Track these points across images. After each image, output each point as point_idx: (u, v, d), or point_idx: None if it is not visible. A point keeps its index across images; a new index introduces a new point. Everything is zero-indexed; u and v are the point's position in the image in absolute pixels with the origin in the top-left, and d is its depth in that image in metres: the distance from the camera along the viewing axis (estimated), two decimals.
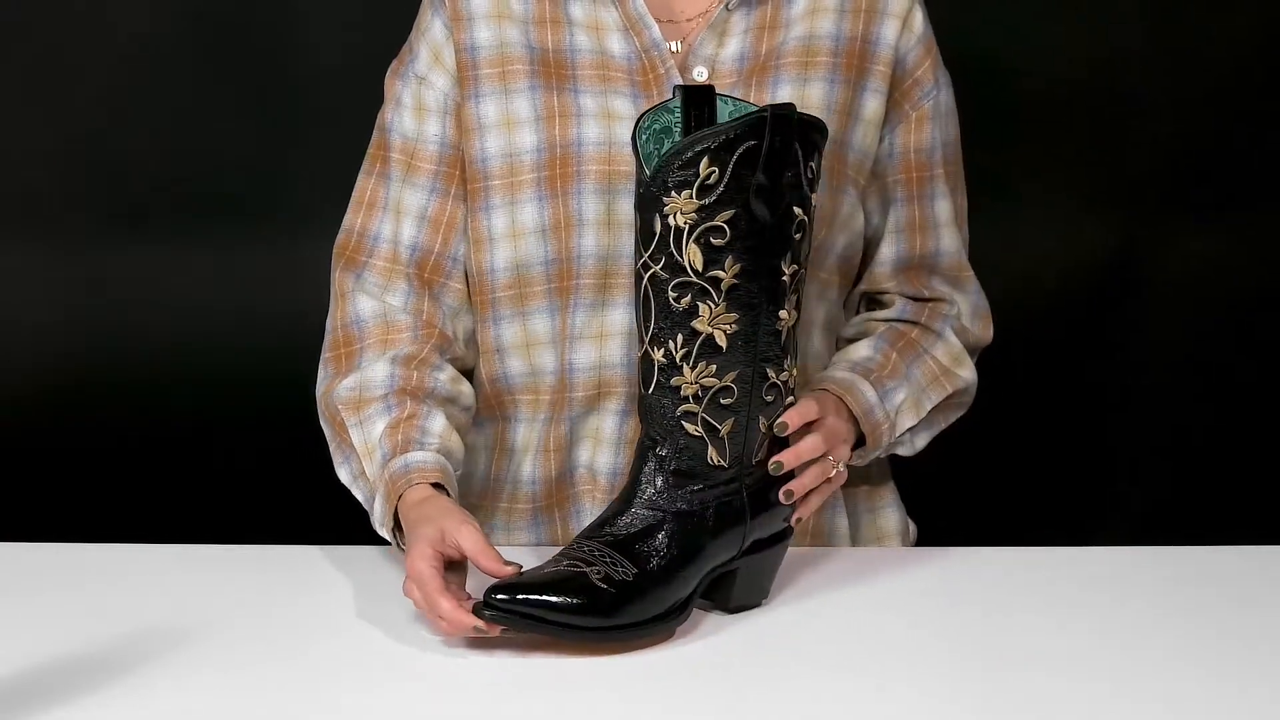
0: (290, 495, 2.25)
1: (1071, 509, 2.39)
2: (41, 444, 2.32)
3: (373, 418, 1.46)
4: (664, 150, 1.28)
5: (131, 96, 2.24)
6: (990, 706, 1.19)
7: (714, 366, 1.30)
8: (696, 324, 1.29)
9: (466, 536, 1.31)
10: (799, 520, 1.39)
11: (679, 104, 1.32)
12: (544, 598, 1.24)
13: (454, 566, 1.33)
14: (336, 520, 1.64)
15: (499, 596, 1.23)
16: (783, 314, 1.32)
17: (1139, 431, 2.42)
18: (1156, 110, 2.32)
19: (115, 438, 2.31)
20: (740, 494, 1.33)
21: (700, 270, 1.28)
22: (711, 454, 1.31)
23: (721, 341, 1.29)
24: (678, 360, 1.30)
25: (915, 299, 1.59)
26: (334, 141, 1.89)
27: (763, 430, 1.34)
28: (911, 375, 1.53)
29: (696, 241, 1.28)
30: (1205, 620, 1.34)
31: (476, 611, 1.24)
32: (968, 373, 1.58)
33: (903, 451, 1.56)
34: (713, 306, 1.29)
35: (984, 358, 1.64)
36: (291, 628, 1.32)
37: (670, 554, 1.29)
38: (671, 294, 1.29)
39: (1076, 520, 2.39)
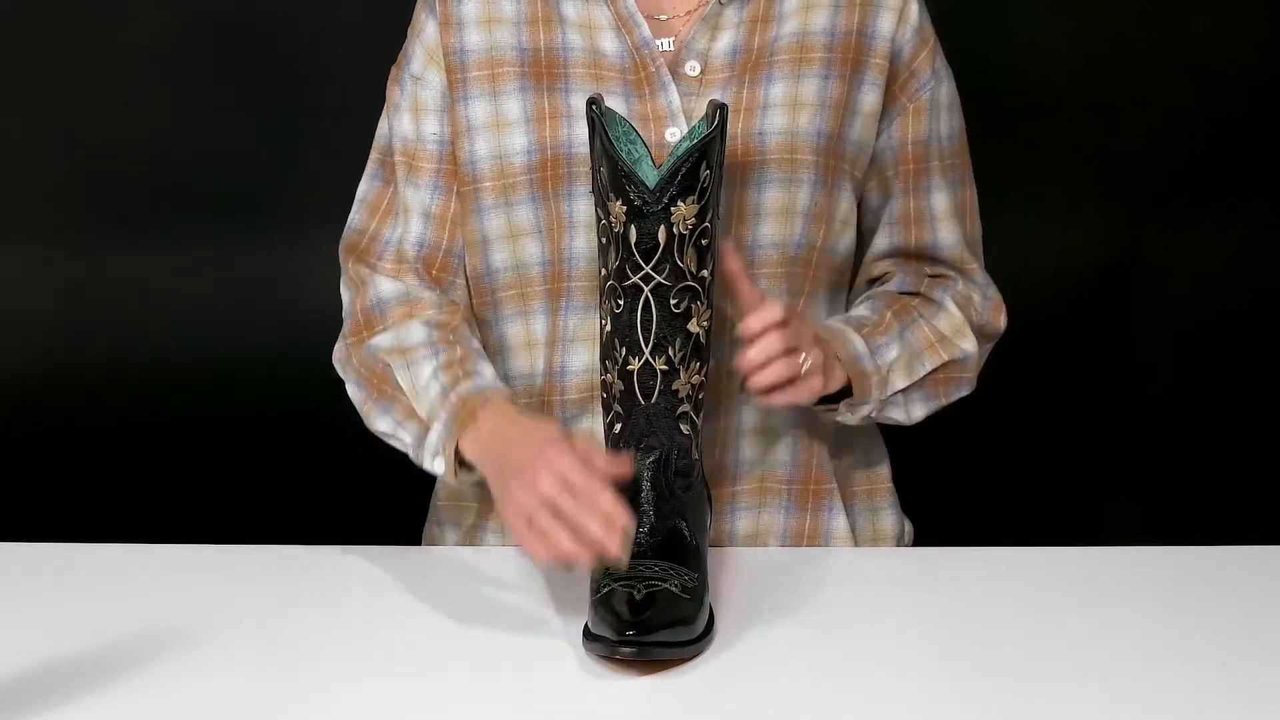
0: (290, 495, 2.25)
1: (1071, 509, 2.39)
2: (40, 443, 2.32)
3: (420, 361, 1.47)
4: (668, 163, 1.31)
5: (131, 97, 2.25)
6: (989, 707, 1.19)
7: (698, 363, 1.34)
8: (690, 325, 1.33)
9: (580, 434, 1.34)
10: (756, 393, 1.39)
11: (595, 119, 1.35)
12: (664, 625, 1.24)
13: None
14: (338, 520, 1.64)
15: (629, 634, 1.22)
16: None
17: (1139, 431, 2.42)
18: (1156, 110, 2.32)
19: (114, 437, 2.31)
20: (704, 477, 1.39)
21: (695, 272, 1.32)
22: (694, 449, 1.36)
23: (704, 339, 1.35)
24: (676, 364, 1.32)
25: (916, 275, 1.59)
26: (332, 141, 1.89)
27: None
28: (906, 337, 1.52)
29: (695, 245, 1.31)
30: (1205, 620, 1.34)
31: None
32: (968, 344, 1.56)
33: (897, 416, 1.54)
34: (701, 306, 1.33)
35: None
36: (291, 628, 1.32)
37: (700, 549, 1.33)
38: (673, 301, 1.32)
39: (1076, 520, 2.39)
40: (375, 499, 1.96)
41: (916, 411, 1.55)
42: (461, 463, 1.42)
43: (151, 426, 2.32)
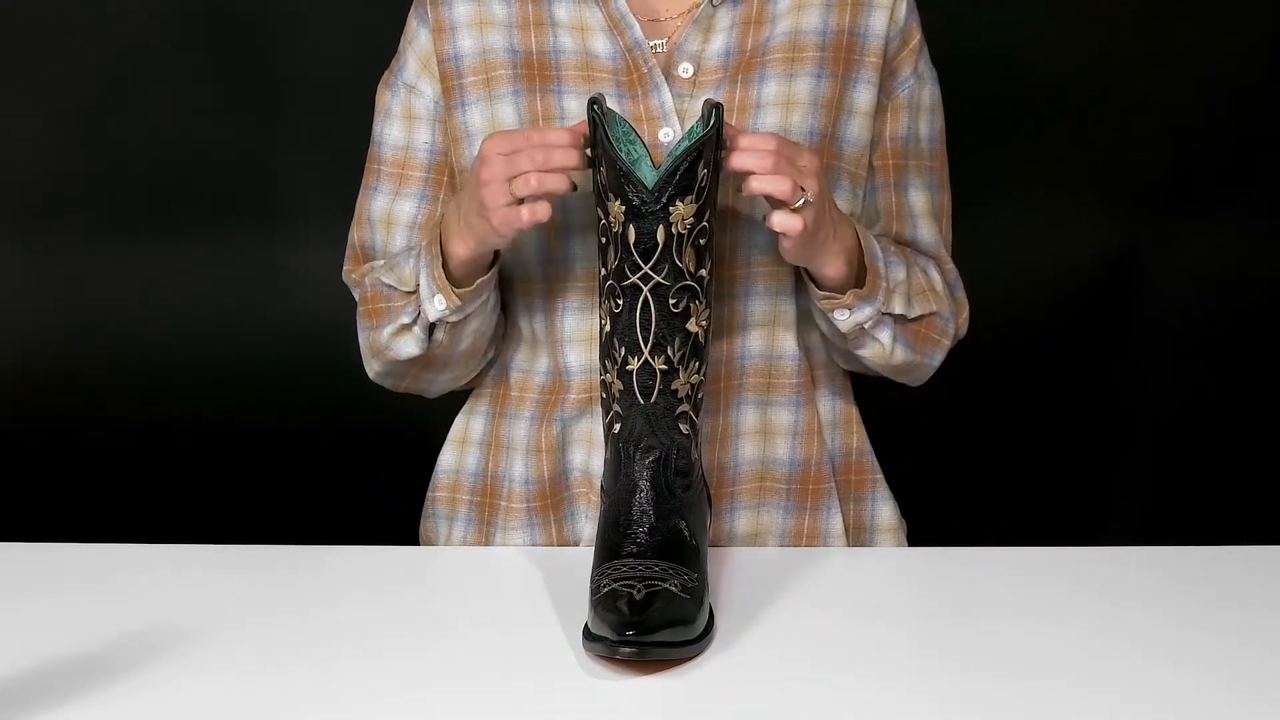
0: (289, 495, 2.25)
1: (1071, 509, 2.40)
2: (40, 443, 2.32)
3: (400, 260, 1.50)
4: (666, 163, 1.31)
5: (131, 97, 2.25)
6: (989, 707, 1.19)
7: (697, 363, 1.35)
8: (689, 325, 1.33)
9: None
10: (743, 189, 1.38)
11: (597, 119, 1.34)
12: (665, 625, 1.24)
13: None
14: (337, 520, 1.64)
15: (629, 634, 1.22)
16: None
17: (1139, 431, 2.42)
18: (1156, 110, 2.32)
19: (114, 437, 2.31)
20: (704, 477, 1.39)
21: (693, 271, 1.32)
22: (694, 448, 1.36)
23: (703, 338, 1.35)
24: (675, 364, 1.32)
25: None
26: (333, 142, 1.89)
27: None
28: (909, 270, 1.51)
29: (693, 245, 1.31)
30: (1205, 620, 1.34)
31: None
32: (946, 310, 1.55)
33: (883, 340, 1.49)
34: (699, 305, 1.33)
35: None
36: (291, 628, 1.32)
37: (700, 549, 1.33)
38: (671, 300, 1.32)
39: (1077, 520, 2.39)
40: (373, 498, 1.97)
41: (898, 354, 1.51)
42: (460, 285, 1.45)
43: (151, 426, 2.32)
